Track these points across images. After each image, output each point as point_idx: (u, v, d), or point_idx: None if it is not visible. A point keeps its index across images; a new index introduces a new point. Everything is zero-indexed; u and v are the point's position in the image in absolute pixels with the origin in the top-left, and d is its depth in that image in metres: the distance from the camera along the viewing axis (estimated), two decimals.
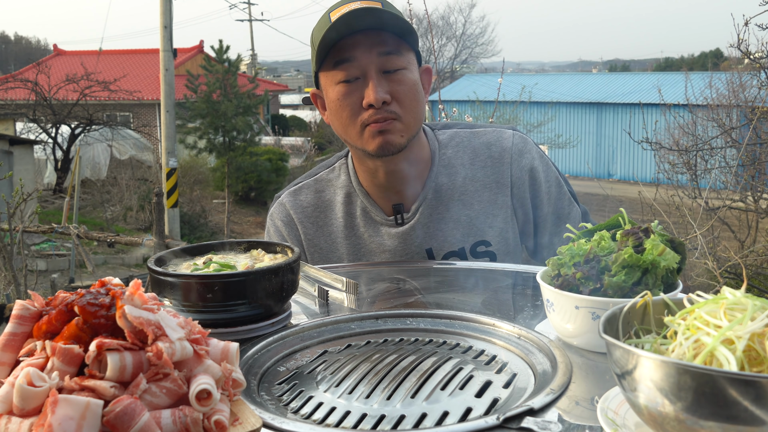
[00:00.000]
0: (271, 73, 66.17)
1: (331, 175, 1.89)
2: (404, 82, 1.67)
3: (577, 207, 1.83)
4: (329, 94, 1.71)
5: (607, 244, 1.17)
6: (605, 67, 56.62)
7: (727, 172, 6.51)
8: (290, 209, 1.87)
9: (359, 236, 1.83)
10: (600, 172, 22.25)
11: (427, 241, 1.79)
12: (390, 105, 1.65)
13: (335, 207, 1.85)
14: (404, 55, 1.68)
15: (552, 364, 1.07)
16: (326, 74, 1.71)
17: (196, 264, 1.31)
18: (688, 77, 8.52)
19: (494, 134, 1.84)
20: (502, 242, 1.79)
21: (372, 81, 1.64)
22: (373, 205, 1.81)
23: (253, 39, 39.24)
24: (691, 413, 0.71)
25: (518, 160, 1.80)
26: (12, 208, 5.79)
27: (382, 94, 1.63)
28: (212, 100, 15.84)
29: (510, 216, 1.80)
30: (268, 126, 27.30)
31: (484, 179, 1.80)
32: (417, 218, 1.79)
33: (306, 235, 1.86)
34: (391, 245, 1.79)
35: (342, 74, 1.66)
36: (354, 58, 1.64)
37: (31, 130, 18.83)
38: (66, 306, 0.82)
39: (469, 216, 1.79)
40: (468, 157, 1.82)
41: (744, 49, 4.93)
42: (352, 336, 1.27)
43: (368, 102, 1.64)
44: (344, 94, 1.67)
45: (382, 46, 1.64)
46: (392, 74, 1.66)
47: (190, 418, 0.76)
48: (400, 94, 1.66)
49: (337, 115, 1.71)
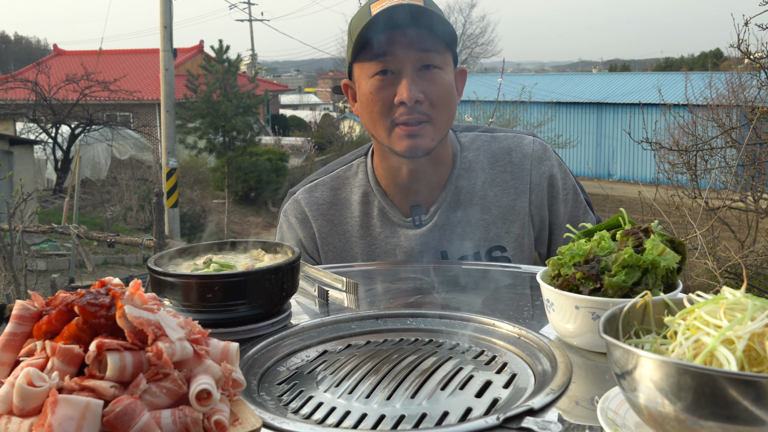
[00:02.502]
0: (271, 73, 66.20)
1: (348, 173, 1.87)
2: (439, 83, 1.64)
3: (593, 215, 1.82)
4: (362, 86, 1.69)
5: (607, 244, 1.17)
6: (605, 67, 56.65)
7: (727, 172, 6.51)
8: (305, 206, 1.84)
9: (375, 236, 1.81)
10: (600, 172, 22.25)
11: (442, 244, 1.78)
12: (422, 105, 1.63)
13: (351, 206, 1.83)
14: (442, 55, 1.65)
15: (552, 364, 1.07)
16: (361, 66, 1.68)
17: (196, 264, 1.31)
18: (688, 77, 8.52)
19: (515, 140, 1.83)
20: (517, 248, 1.79)
21: (407, 78, 1.61)
22: (390, 206, 1.80)
23: (253, 39, 39.28)
24: (691, 413, 0.71)
25: (538, 167, 1.79)
26: (12, 208, 5.79)
27: (416, 93, 1.61)
28: (212, 100, 15.85)
29: (527, 222, 1.80)
30: (268, 126, 27.31)
31: (504, 184, 1.79)
32: (435, 220, 1.77)
33: (320, 233, 1.83)
34: (407, 247, 1.78)
35: (377, 68, 1.63)
36: (391, 52, 1.62)
37: (31, 130, 18.84)
38: (66, 306, 0.82)
39: (486, 221, 1.78)
40: (488, 162, 1.81)
41: (744, 49, 4.93)
42: (352, 336, 1.27)
43: (400, 99, 1.61)
44: (377, 88, 1.64)
45: (421, 43, 1.61)
46: (428, 73, 1.63)
47: (190, 418, 0.76)
48: (433, 94, 1.64)
49: (367, 109, 1.69)
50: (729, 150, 6.50)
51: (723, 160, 6.60)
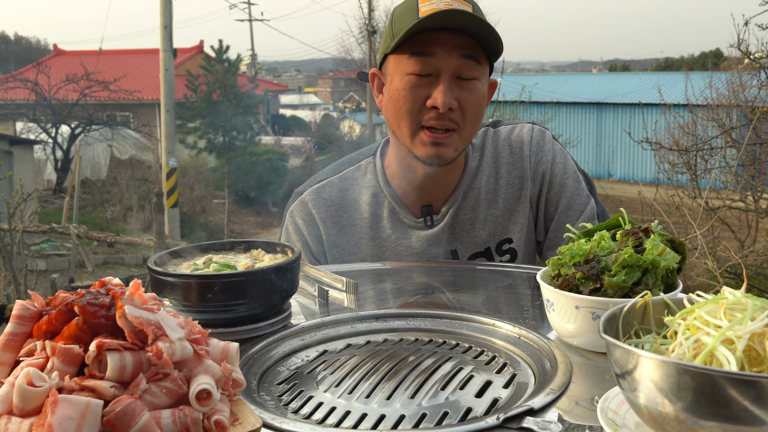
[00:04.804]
0: (271, 73, 66.16)
1: (357, 174, 1.84)
2: (474, 93, 1.63)
3: (593, 203, 1.79)
4: (395, 80, 1.65)
5: (607, 244, 1.17)
6: (605, 67, 56.63)
7: (727, 172, 6.51)
8: (312, 208, 1.82)
9: (385, 238, 1.79)
10: (600, 172, 22.24)
11: (453, 243, 1.77)
12: (453, 112, 1.61)
13: (360, 207, 1.81)
14: (482, 65, 1.63)
15: (552, 364, 1.07)
16: (398, 59, 1.64)
17: (196, 264, 1.31)
18: (688, 77, 8.53)
19: (515, 130, 1.83)
20: (523, 238, 1.79)
21: (444, 83, 1.59)
22: (401, 207, 1.78)
23: (253, 39, 39.25)
24: (691, 413, 0.71)
25: (537, 153, 1.79)
26: (12, 208, 5.79)
27: (451, 100, 1.59)
28: (212, 100, 15.86)
29: (529, 210, 1.79)
30: (268, 126, 27.31)
31: (508, 176, 1.79)
32: (446, 220, 1.77)
33: (328, 235, 1.81)
34: (418, 248, 1.77)
35: (416, 66, 1.60)
36: (434, 53, 1.59)
37: (31, 130, 18.84)
38: (66, 306, 0.82)
39: (495, 215, 1.78)
40: (492, 157, 1.81)
41: (744, 49, 4.93)
42: (352, 336, 1.27)
43: (434, 104, 1.59)
44: (412, 85, 1.62)
45: (464, 49, 1.59)
46: (464, 82, 1.61)
47: (190, 418, 0.76)
48: (466, 104, 1.62)
49: (396, 105, 1.65)
50: (729, 150, 6.51)
51: (723, 160, 6.61)
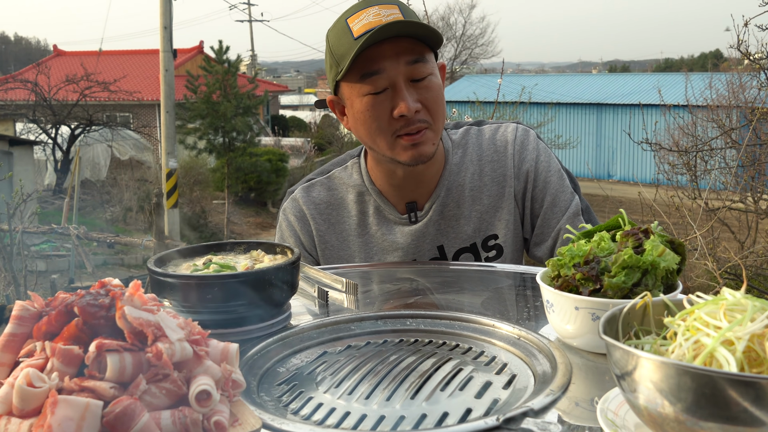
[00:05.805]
0: (271, 74, 66.22)
1: (343, 174, 1.90)
2: (432, 89, 1.66)
3: (578, 200, 1.82)
4: (355, 105, 1.68)
5: (607, 245, 1.17)
6: (605, 68, 56.69)
7: (727, 172, 6.51)
8: (303, 205, 1.88)
9: (371, 234, 1.84)
10: (600, 173, 22.26)
11: (438, 238, 1.82)
12: (420, 113, 1.65)
13: (348, 205, 1.87)
14: (429, 60, 1.67)
15: (552, 365, 1.07)
16: (350, 85, 1.68)
17: (195, 265, 1.31)
18: (688, 78, 8.54)
19: (499, 129, 1.87)
20: (508, 234, 1.82)
21: (402, 91, 1.62)
22: (386, 204, 1.83)
23: (253, 39, 39.23)
24: (691, 414, 0.71)
25: (520, 151, 1.82)
26: (12, 209, 5.79)
27: (413, 104, 1.62)
28: (212, 101, 15.85)
29: (513, 207, 1.83)
30: (268, 126, 27.31)
31: (492, 173, 1.83)
32: (430, 216, 1.81)
33: (318, 232, 1.87)
34: (403, 243, 1.81)
35: (370, 87, 1.63)
36: (382, 69, 1.61)
37: (30, 131, 18.83)
38: (66, 307, 0.82)
39: (479, 211, 1.82)
40: (476, 154, 1.84)
41: (744, 49, 4.93)
42: (352, 337, 1.27)
43: (401, 113, 1.62)
44: (372, 105, 1.65)
45: (408, 54, 1.62)
46: (419, 82, 1.64)
47: (189, 419, 0.76)
48: (429, 101, 1.66)
49: (364, 125, 1.69)
50: (729, 151, 6.51)
51: (723, 160, 6.61)
